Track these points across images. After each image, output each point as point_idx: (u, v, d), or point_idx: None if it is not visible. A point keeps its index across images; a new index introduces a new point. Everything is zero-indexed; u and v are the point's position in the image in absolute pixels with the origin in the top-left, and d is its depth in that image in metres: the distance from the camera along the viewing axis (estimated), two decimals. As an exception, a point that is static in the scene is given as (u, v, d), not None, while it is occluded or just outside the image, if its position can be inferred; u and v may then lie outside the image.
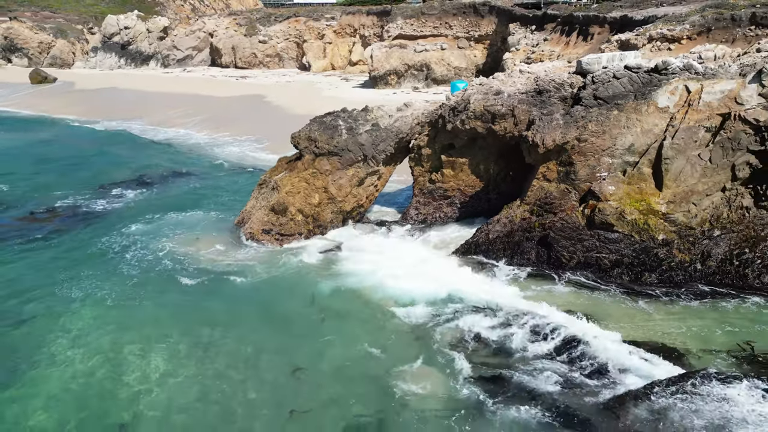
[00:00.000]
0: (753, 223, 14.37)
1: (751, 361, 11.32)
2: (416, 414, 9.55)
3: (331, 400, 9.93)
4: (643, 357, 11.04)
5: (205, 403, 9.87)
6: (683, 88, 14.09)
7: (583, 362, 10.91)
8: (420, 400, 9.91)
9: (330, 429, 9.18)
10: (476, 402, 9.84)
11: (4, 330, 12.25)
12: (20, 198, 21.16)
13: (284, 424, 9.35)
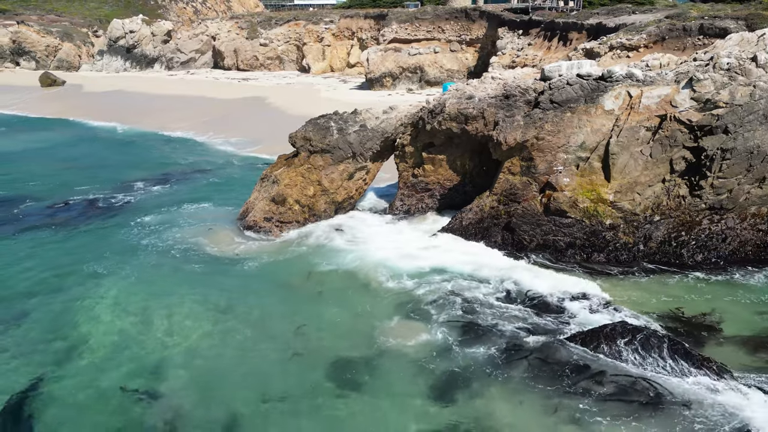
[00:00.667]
0: (688, 209, 16.67)
1: (677, 320, 13.63)
2: (395, 353, 11.91)
3: (328, 346, 12.30)
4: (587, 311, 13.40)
5: (222, 349, 12.23)
6: (626, 93, 16.40)
7: (535, 314, 13.24)
8: (399, 344, 12.26)
9: (325, 366, 11.51)
10: (445, 342, 12.22)
11: (51, 298, 14.62)
12: (50, 193, 23.52)
13: (287, 364, 11.70)
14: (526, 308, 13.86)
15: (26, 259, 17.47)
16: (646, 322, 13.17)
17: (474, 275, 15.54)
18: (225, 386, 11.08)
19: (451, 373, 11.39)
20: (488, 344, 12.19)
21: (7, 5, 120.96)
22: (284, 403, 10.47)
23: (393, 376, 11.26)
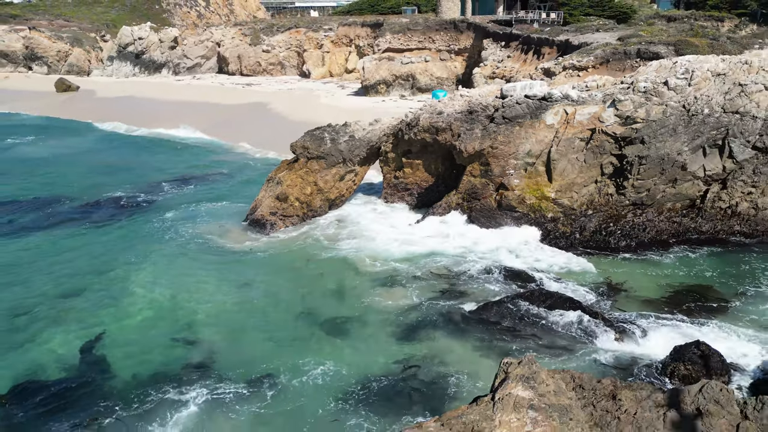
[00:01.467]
0: (615, 205, 20.61)
1: (602, 287, 17.41)
2: (380, 312, 15.87)
3: (324, 307, 16.27)
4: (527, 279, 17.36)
5: (242, 311, 16.16)
6: (563, 111, 20.33)
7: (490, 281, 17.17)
8: (384, 305, 16.22)
9: (321, 321, 15.47)
10: (419, 303, 16.19)
11: (99, 278, 18.52)
12: (82, 193, 27.39)
13: (293, 320, 15.64)
14: (481, 276, 17.80)
15: (73, 249, 21.31)
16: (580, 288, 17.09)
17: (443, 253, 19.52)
18: (246, 336, 15.03)
19: (417, 321, 15.37)
20: (449, 299, 16.20)
21: (16, 10, 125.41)
22: (291, 346, 14.40)
23: (370, 325, 15.24)
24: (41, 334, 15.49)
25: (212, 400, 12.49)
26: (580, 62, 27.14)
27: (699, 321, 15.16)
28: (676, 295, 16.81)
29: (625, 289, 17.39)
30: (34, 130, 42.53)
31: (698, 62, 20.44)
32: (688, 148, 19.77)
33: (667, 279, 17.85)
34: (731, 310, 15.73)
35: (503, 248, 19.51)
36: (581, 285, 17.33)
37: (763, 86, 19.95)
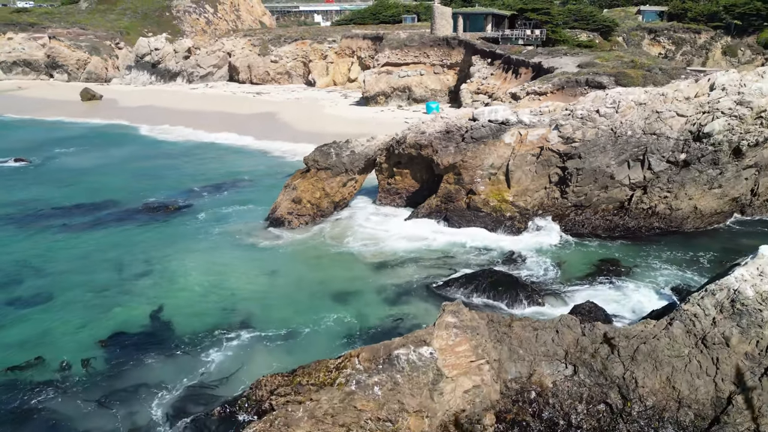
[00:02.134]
0: (560, 206, 26.30)
1: (545, 265, 23.05)
2: (374, 285, 21.53)
3: (333, 283, 21.93)
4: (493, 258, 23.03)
5: (270, 290, 21.81)
6: (518, 132, 26.04)
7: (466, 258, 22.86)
8: (378, 281, 21.89)
9: (330, 294, 21.13)
10: (404, 280, 21.84)
11: (148, 267, 24.04)
12: (126, 198, 32.99)
13: (309, 296, 21.31)
14: (450, 260, 23.50)
15: (123, 244, 26.60)
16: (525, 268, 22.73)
17: (429, 238, 25.24)
18: (273, 304, 20.70)
19: (401, 292, 21.06)
20: (424, 277, 21.91)
21: (33, 17, 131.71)
22: (308, 309, 20.04)
23: (367, 294, 20.96)
24: (117, 304, 21.13)
25: (251, 340, 18.23)
26: (540, 88, 32.82)
27: (609, 288, 20.87)
28: (598, 272, 22.42)
29: (562, 268, 23.05)
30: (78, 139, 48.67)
31: (625, 94, 26.13)
32: (615, 162, 25.47)
33: (595, 261, 23.52)
34: (634, 281, 21.39)
35: (470, 240, 25.22)
36: (527, 266, 23.04)
37: (675, 113, 25.63)
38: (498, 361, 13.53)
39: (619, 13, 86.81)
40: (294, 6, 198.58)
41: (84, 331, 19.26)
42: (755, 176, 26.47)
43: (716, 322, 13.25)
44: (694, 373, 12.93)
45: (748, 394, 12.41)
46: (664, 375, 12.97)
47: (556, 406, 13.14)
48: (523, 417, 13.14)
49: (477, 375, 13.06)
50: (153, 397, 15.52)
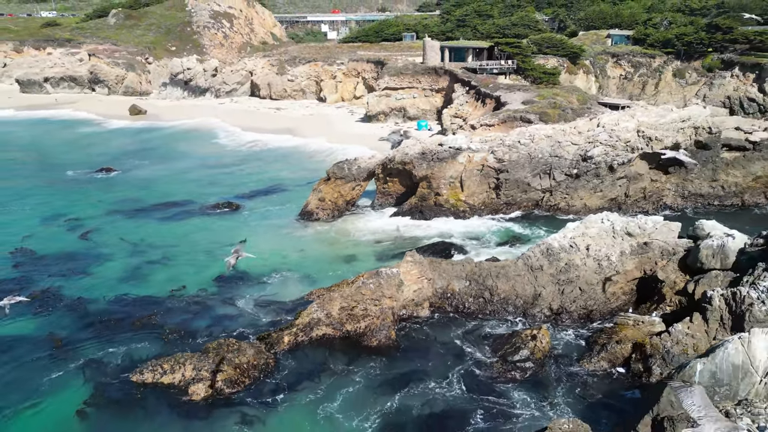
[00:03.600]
0: (496, 204, 40.55)
1: (489, 242, 37.31)
2: (368, 252, 35.72)
3: (345, 253, 36.07)
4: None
5: (303, 262, 35.94)
6: (467, 155, 40.32)
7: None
8: (370, 249, 36.08)
9: (342, 259, 35.26)
10: (387, 249, 36.03)
11: (227, 241, 38.41)
12: (198, 197, 47.25)
13: (329, 262, 35.50)
14: (421, 236, 37.67)
15: (206, 229, 40.89)
16: (469, 240, 36.88)
17: (409, 225, 39.47)
18: (306, 268, 34.71)
19: (386, 255, 35.20)
20: (401, 246, 36.04)
21: (67, 33, 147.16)
22: (326, 267, 34.13)
23: (364, 257, 35.21)
24: (212, 262, 35.29)
25: (295, 277, 32.21)
26: (490, 121, 46.99)
27: (508, 248, 34.96)
28: (508, 241, 36.49)
29: (485, 238, 37.16)
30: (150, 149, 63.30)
31: (539, 129, 40.39)
32: (531, 175, 39.73)
33: (509, 236, 37.58)
34: (524, 245, 35.52)
35: (435, 224, 39.46)
36: (469, 238, 37.25)
37: (570, 142, 39.87)
38: (432, 279, 27.80)
39: (592, 36, 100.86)
40: (302, 16, 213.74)
41: (200, 274, 33.43)
42: (626, 184, 40.65)
43: (539, 259, 27.50)
44: (525, 283, 27.17)
45: (548, 290, 26.64)
46: (510, 284, 27.21)
47: (459, 299, 27.41)
48: (442, 305, 27.41)
49: (420, 284, 27.34)
50: (247, 301, 29.55)
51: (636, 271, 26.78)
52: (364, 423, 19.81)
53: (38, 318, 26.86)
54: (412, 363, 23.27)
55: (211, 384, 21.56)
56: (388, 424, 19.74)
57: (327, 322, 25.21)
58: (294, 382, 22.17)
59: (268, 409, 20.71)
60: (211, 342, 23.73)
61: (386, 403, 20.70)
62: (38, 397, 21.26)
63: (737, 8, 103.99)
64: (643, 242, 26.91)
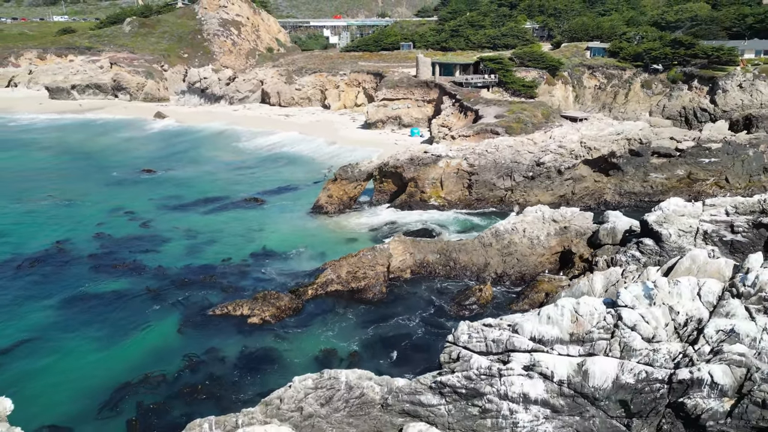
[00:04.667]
0: (469, 200, 51.87)
1: (452, 222, 48.63)
2: (365, 234, 47.00)
3: (343, 234, 47.41)
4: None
5: (313, 240, 47.40)
6: (446, 161, 51.64)
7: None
8: (366, 233, 47.38)
9: (345, 239, 46.56)
10: (381, 232, 47.35)
11: (258, 227, 49.61)
12: (230, 193, 58.66)
13: (335, 241, 46.81)
14: (408, 224, 48.96)
15: (240, 219, 52.11)
16: (448, 225, 48.09)
17: (397, 216, 50.77)
18: (319, 247, 45.84)
19: (381, 237, 46.41)
20: (392, 230, 47.32)
21: (85, 41, 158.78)
22: (335, 249, 45.38)
23: (364, 239, 46.43)
24: (250, 242, 46.52)
25: (309, 253, 43.38)
26: (467, 133, 58.24)
27: (471, 232, 46.21)
28: (472, 228, 47.77)
29: (454, 226, 48.42)
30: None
31: (503, 141, 51.70)
32: (495, 177, 51.06)
33: (473, 224, 48.80)
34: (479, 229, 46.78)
35: (420, 215, 50.74)
36: (444, 225, 48.51)
37: (527, 151, 51.19)
38: (413, 253, 39.10)
39: (572, 48, 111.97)
40: (305, 21, 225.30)
41: (241, 251, 44.54)
42: (572, 184, 51.91)
43: (489, 238, 38.80)
44: (479, 255, 38.45)
45: (495, 260, 37.97)
46: (468, 256, 38.50)
47: (432, 267, 38.72)
48: (420, 271, 38.74)
49: (404, 256, 38.66)
50: (277, 268, 40.69)
51: (558, 247, 38.08)
52: (355, 341, 30.91)
53: (134, 279, 38.13)
54: (395, 308, 34.50)
55: (261, 318, 32.88)
56: (372, 341, 30.82)
57: (337, 282, 36.52)
58: (313, 318, 33.39)
59: (295, 333, 31.89)
60: (258, 293, 35.05)
61: (373, 331, 31.86)
62: (148, 323, 32.54)
63: (708, 21, 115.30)
64: (564, 226, 38.20)
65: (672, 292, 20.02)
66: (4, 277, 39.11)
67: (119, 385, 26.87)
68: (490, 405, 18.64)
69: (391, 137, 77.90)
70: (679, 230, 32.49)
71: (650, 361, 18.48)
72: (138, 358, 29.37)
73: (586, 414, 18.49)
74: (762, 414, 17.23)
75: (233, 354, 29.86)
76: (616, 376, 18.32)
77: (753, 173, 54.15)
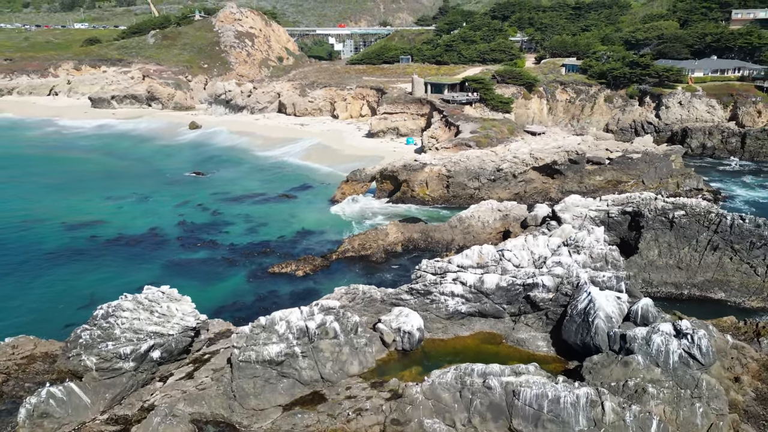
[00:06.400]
0: (448, 196, 71.28)
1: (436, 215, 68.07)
2: (370, 221, 66.39)
3: (350, 215, 66.80)
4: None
5: (328, 222, 66.78)
6: (430, 167, 71.06)
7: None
8: (372, 221, 66.73)
9: (350, 221, 65.84)
10: (380, 217, 66.73)
11: (290, 214, 68.95)
12: (268, 190, 78.04)
13: (340, 220, 66.20)
14: (400, 213, 68.32)
15: (279, 209, 71.73)
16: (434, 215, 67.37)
17: (393, 208, 70.16)
18: (338, 228, 65.29)
19: (381, 222, 65.69)
20: (389, 217, 66.72)
21: (112, 51, 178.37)
22: (349, 230, 64.67)
23: (365, 224, 65.82)
24: (286, 226, 65.86)
25: (328, 230, 62.79)
26: (447, 146, 77.48)
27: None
28: (447, 216, 67.09)
29: (437, 215, 67.81)
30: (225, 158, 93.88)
31: (472, 152, 71.15)
32: (467, 179, 70.53)
33: (449, 214, 68.08)
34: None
35: (410, 208, 70.11)
36: (427, 215, 67.86)
37: (490, 160, 70.59)
38: (403, 232, 58.51)
39: (549, 65, 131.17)
40: (311, 29, 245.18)
41: (285, 230, 64.01)
42: (524, 185, 71.26)
43: (454, 222, 58.14)
44: (448, 233, 57.81)
45: (458, 238, 57.42)
46: (441, 234, 57.82)
47: (416, 242, 58.14)
48: (407, 245, 58.16)
49: (397, 235, 58.11)
50: (312, 242, 60.08)
51: (501, 228, 57.39)
52: (363, 282, 50.21)
53: (213, 251, 57.52)
54: (390, 265, 53.79)
55: (303, 271, 52.25)
56: (374, 281, 50.10)
57: (352, 250, 55.84)
58: (336, 272, 52.69)
59: (325, 279, 51.18)
60: (300, 257, 54.47)
61: (375, 276, 51.20)
62: (227, 277, 51.91)
63: (672, 40, 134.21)
64: (506, 214, 57.52)
65: (534, 243, 39.42)
66: (116, 251, 58.39)
67: (215, 309, 45.94)
68: (435, 297, 37.93)
69: (391, 145, 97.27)
70: (573, 216, 51.83)
71: (515, 276, 37.78)
72: (222, 296, 48.53)
73: (483, 301, 37.79)
74: (566, 299, 36.53)
75: (287, 291, 49.23)
76: (497, 283, 37.61)
77: (663, 177, 73.45)
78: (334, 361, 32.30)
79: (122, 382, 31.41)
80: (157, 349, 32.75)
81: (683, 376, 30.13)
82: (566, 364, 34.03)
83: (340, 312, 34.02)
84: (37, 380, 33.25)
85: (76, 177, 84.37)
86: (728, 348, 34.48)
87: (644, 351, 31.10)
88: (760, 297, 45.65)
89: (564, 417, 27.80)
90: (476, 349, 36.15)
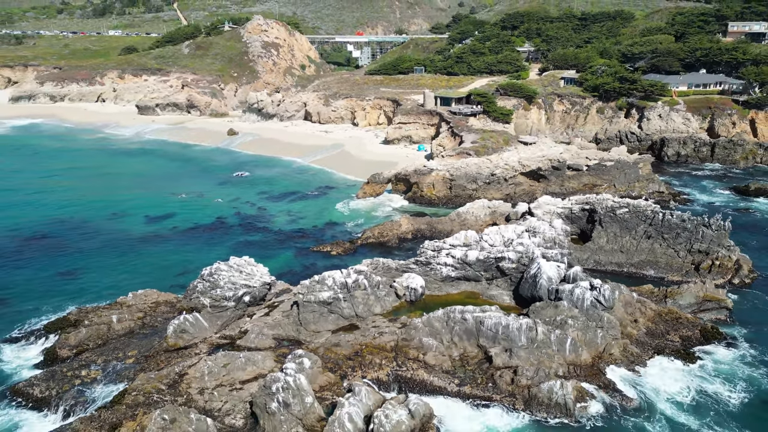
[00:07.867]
0: (451, 196, 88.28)
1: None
2: (385, 213, 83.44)
3: (374, 210, 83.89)
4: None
5: (344, 213, 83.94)
6: (436, 172, 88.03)
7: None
8: (387, 213, 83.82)
9: (363, 214, 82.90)
10: (397, 211, 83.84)
11: (318, 209, 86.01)
12: (301, 188, 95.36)
13: (351, 214, 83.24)
14: (411, 209, 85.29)
15: (313, 204, 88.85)
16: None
17: (406, 205, 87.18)
18: (359, 219, 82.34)
19: (392, 215, 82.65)
20: (401, 212, 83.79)
21: (150, 60, 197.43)
22: (370, 221, 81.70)
23: (380, 216, 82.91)
24: (315, 220, 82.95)
25: (354, 222, 79.92)
26: (451, 154, 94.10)
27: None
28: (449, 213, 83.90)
29: (441, 212, 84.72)
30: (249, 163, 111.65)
31: (471, 160, 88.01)
32: (467, 182, 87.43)
33: (446, 211, 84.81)
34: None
35: (418, 204, 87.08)
36: (432, 213, 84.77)
37: (486, 167, 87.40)
38: (413, 224, 75.54)
39: (549, 77, 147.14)
40: (330, 37, 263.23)
41: (319, 220, 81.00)
42: (514, 187, 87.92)
43: (453, 217, 75.13)
44: (448, 225, 74.84)
45: (457, 228, 74.55)
46: (443, 226, 74.80)
47: (423, 232, 75.16)
48: (416, 234, 75.17)
49: (408, 226, 75.19)
50: (342, 229, 77.23)
51: (490, 221, 74.12)
52: (378, 253, 67.40)
53: (266, 235, 74.89)
54: (402, 249, 70.74)
55: (336, 251, 69.46)
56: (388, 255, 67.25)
57: (373, 237, 72.90)
58: (359, 253, 69.71)
59: (352, 258, 68.08)
60: (333, 241, 71.76)
61: (388, 257, 68.00)
62: (277, 254, 69.15)
63: (665, 54, 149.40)
64: (494, 210, 74.27)
65: (504, 229, 56.36)
66: (193, 235, 75.68)
67: (276, 274, 62.92)
68: (433, 266, 54.86)
69: (404, 151, 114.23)
70: (543, 212, 68.48)
71: (490, 252, 54.61)
72: (279, 266, 65.55)
73: (466, 269, 54.67)
74: (524, 267, 53.26)
75: (324, 264, 66.19)
76: (477, 257, 54.46)
77: (631, 181, 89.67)
78: (364, 304, 49.45)
79: (226, 315, 48.88)
80: (247, 295, 50.17)
81: (592, 314, 46.94)
82: (521, 310, 50.82)
83: (368, 273, 51.21)
84: (165, 317, 50.77)
85: (142, 175, 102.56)
86: (634, 301, 51.10)
87: (569, 299, 47.97)
88: (679, 273, 61.93)
89: (512, 337, 44.59)
90: (461, 302, 52.90)
